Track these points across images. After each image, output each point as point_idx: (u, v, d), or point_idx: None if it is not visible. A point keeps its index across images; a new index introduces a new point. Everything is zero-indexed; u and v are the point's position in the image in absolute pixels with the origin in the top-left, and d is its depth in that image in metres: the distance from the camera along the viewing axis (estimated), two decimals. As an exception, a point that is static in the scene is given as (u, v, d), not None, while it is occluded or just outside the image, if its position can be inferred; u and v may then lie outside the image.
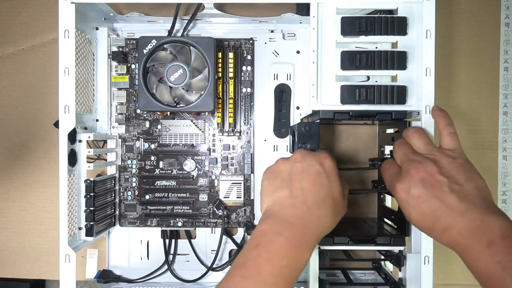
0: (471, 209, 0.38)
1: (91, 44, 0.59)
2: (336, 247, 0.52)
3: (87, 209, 0.54)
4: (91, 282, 0.75)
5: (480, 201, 0.39)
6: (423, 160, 0.41)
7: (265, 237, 0.38)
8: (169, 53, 0.56)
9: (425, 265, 0.48)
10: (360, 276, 0.65)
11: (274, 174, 0.43)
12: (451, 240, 0.39)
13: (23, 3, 0.68)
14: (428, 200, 0.39)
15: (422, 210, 0.40)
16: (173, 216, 0.63)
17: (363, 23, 0.49)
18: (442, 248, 0.66)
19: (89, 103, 0.59)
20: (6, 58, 0.68)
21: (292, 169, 0.42)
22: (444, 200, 0.39)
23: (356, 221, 0.64)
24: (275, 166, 0.44)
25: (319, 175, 0.41)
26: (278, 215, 0.40)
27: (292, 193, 0.41)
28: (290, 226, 0.39)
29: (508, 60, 0.67)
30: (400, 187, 0.42)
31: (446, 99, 0.67)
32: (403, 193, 0.41)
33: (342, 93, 0.49)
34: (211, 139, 0.63)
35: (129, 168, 0.63)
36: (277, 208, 0.41)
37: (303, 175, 0.41)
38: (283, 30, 0.64)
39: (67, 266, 0.49)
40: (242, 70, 0.62)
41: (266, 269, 0.36)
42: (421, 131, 0.46)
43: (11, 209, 0.68)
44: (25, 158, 0.68)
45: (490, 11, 0.67)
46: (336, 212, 0.42)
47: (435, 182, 0.40)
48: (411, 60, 0.50)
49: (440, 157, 0.42)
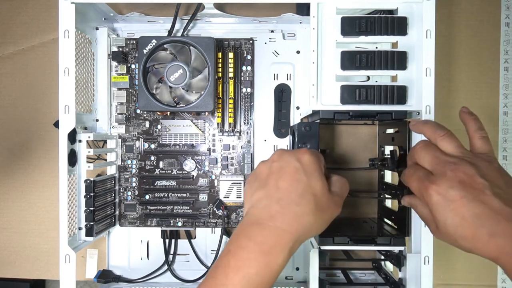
0: None
1: (91, 44, 0.59)
2: (336, 247, 0.52)
3: (87, 209, 0.54)
4: (91, 282, 0.75)
5: None
6: (459, 162, 0.38)
7: (235, 243, 0.37)
8: (169, 53, 0.56)
9: (425, 265, 0.48)
10: (360, 276, 0.65)
11: (254, 178, 0.42)
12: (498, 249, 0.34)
13: (23, 3, 0.68)
14: (469, 203, 0.36)
15: (462, 214, 0.36)
16: (173, 216, 0.63)
17: (363, 23, 0.49)
18: (442, 248, 0.67)
19: (89, 103, 0.59)
20: (6, 58, 0.68)
21: (270, 169, 0.40)
22: (488, 203, 0.35)
23: (356, 221, 0.64)
24: (255, 170, 0.43)
25: (296, 171, 0.39)
26: (250, 219, 0.38)
27: (268, 193, 0.39)
28: (261, 229, 0.37)
29: (508, 60, 0.67)
30: (435, 189, 0.37)
31: (446, 99, 0.67)
32: (438, 196, 0.37)
33: (342, 93, 0.49)
34: (211, 139, 0.63)
35: (129, 168, 0.63)
36: (252, 211, 0.39)
37: (279, 174, 0.39)
38: (283, 30, 0.64)
39: (67, 266, 0.49)
40: (242, 70, 0.62)
41: (233, 278, 0.34)
42: (451, 133, 0.41)
43: (11, 209, 0.68)
44: (25, 158, 0.68)
45: (490, 11, 0.67)
46: (319, 209, 0.39)
47: (476, 184, 0.36)
48: (411, 60, 0.50)
49: (476, 160, 0.38)
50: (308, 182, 0.39)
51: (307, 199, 0.38)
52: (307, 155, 0.40)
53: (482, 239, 0.35)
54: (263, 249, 0.36)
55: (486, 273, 0.66)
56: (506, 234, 0.34)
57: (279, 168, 0.40)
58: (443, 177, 0.38)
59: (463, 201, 0.36)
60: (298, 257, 0.64)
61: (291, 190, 0.38)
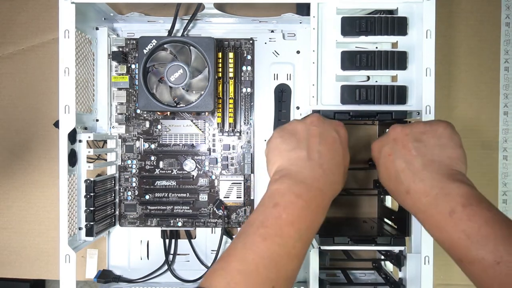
0: (433, 177, 0.37)
1: (91, 44, 0.59)
2: (336, 247, 0.52)
3: (87, 209, 0.54)
4: (91, 282, 0.75)
5: (446, 169, 0.38)
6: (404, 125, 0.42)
7: (283, 197, 0.37)
8: (169, 53, 0.56)
9: (425, 265, 0.48)
10: (360, 276, 0.65)
11: (289, 133, 0.42)
12: (413, 207, 0.39)
13: (23, 3, 0.68)
14: (396, 160, 0.39)
15: (389, 170, 0.40)
16: (173, 216, 0.63)
17: (363, 23, 0.49)
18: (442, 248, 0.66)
19: (89, 103, 0.59)
20: (6, 58, 0.68)
21: (309, 131, 0.41)
22: (409, 162, 0.39)
23: (356, 221, 0.64)
24: (289, 125, 0.43)
25: (335, 141, 0.41)
26: (296, 176, 0.38)
27: (310, 156, 0.39)
28: (308, 189, 0.38)
29: (508, 60, 0.67)
30: (375, 145, 0.43)
31: (446, 99, 0.67)
32: (376, 151, 0.43)
33: (342, 93, 0.50)
34: (211, 139, 0.63)
35: (129, 168, 0.63)
36: (294, 169, 0.39)
37: (320, 139, 0.41)
38: (283, 30, 0.64)
39: (67, 266, 0.49)
40: (242, 70, 0.62)
41: (287, 231, 0.35)
42: None
43: (11, 209, 0.68)
44: (25, 158, 0.68)
45: (490, 11, 0.67)
46: (344, 180, 0.43)
47: (406, 143, 0.40)
48: (411, 60, 0.50)
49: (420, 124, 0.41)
50: (343, 154, 0.42)
51: (340, 169, 0.41)
52: (343, 129, 0.43)
53: (401, 194, 0.39)
54: (311, 207, 0.37)
55: (486, 273, 0.66)
56: (419, 193, 0.37)
57: (319, 134, 0.41)
58: (385, 135, 0.43)
59: (391, 158, 0.40)
60: (298, 257, 0.64)
61: (330, 157, 0.40)
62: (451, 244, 0.36)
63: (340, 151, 0.41)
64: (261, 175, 0.64)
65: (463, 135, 0.42)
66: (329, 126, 0.42)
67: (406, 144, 0.40)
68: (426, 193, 0.37)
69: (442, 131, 0.40)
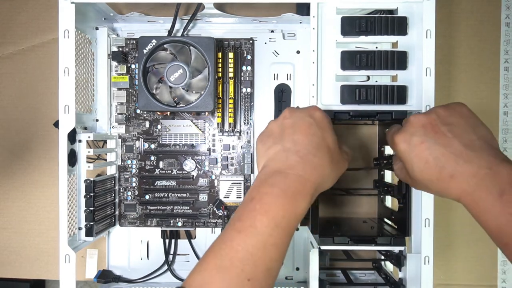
0: (478, 156, 0.36)
1: (91, 44, 0.59)
2: (336, 247, 0.52)
3: (87, 209, 0.54)
4: (91, 282, 0.75)
5: (488, 147, 0.36)
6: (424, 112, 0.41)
7: (258, 190, 0.37)
8: (169, 53, 0.56)
9: (425, 265, 0.48)
10: (360, 276, 0.65)
11: (266, 135, 0.43)
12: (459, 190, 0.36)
13: (23, 3, 0.68)
14: (432, 146, 0.37)
15: (426, 158, 0.38)
16: (173, 216, 0.63)
17: (363, 23, 0.49)
18: (442, 248, 0.67)
19: (89, 103, 0.59)
20: (6, 58, 0.68)
21: (282, 125, 0.42)
22: (448, 146, 0.37)
23: (356, 221, 0.64)
24: (266, 129, 0.44)
25: (310, 125, 0.41)
26: (271, 169, 0.39)
27: (285, 147, 0.40)
28: (284, 176, 0.37)
29: (508, 60, 0.67)
30: (400, 138, 0.40)
31: (446, 99, 0.67)
32: (403, 144, 0.39)
33: (342, 93, 0.50)
34: (211, 139, 0.63)
35: (129, 168, 0.63)
36: (271, 163, 0.40)
37: (294, 128, 0.41)
38: (283, 30, 0.64)
39: (67, 266, 0.49)
40: (242, 70, 0.62)
41: (262, 221, 0.35)
42: None
43: (11, 209, 0.68)
44: (25, 158, 0.68)
45: (490, 11, 0.67)
46: (333, 161, 0.41)
47: (438, 128, 0.38)
48: (411, 60, 0.50)
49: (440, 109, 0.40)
50: (322, 135, 0.41)
51: (323, 151, 0.40)
52: (318, 111, 0.42)
53: (444, 180, 0.37)
54: (288, 194, 0.36)
55: (486, 273, 0.66)
56: (466, 175, 0.35)
57: (292, 124, 0.41)
58: (407, 124, 0.40)
59: (425, 145, 0.38)
60: (298, 257, 0.64)
61: (307, 142, 0.40)
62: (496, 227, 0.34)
63: (318, 133, 0.40)
64: (261, 175, 0.64)
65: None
66: (301, 113, 0.42)
67: (438, 129, 0.38)
68: (473, 174, 0.35)
69: (465, 111, 0.40)
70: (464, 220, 0.67)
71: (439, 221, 0.66)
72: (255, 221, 0.35)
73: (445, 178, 0.37)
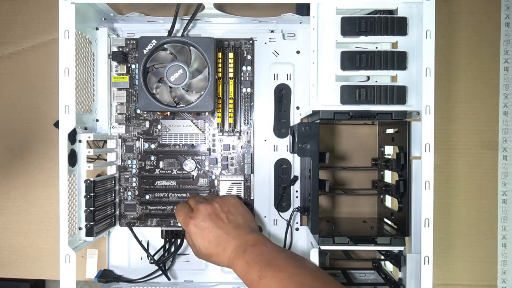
0: (241, 233, 0.51)
1: (91, 44, 0.59)
2: (336, 247, 0.52)
3: (87, 209, 0.54)
4: (91, 282, 0.75)
5: (247, 227, 0.53)
6: (209, 202, 0.55)
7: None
8: (169, 53, 0.56)
9: (425, 265, 0.48)
10: (360, 276, 0.65)
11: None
12: (228, 258, 0.50)
13: (23, 3, 0.68)
14: (213, 230, 0.52)
15: (209, 238, 0.51)
16: (173, 216, 0.63)
17: (363, 23, 0.49)
18: (442, 248, 0.67)
19: (89, 103, 0.59)
20: (6, 58, 0.68)
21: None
22: (224, 228, 0.52)
23: (356, 221, 0.64)
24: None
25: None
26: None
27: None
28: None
29: (508, 60, 0.67)
30: (193, 223, 0.53)
31: (446, 99, 0.67)
32: (194, 227, 0.52)
33: (342, 93, 0.50)
34: (211, 139, 0.63)
35: (129, 168, 0.63)
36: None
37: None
38: (283, 30, 0.64)
39: (67, 266, 0.49)
40: (242, 70, 0.62)
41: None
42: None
43: (11, 209, 0.68)
44: (25, 158, 0.68)
45: (490, 11, 0.67)
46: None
47: (219, 215, 0.53)
48: (411, 60, 0.50)
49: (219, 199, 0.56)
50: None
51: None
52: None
53: (220, 253, 0.51)
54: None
55: (486, 273, 0.67)
56: (232, 247, 0.50)
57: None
58: (197, 211, 0.53)
59: (210, 229, 0.52)
60: (298, 257, 0.64)
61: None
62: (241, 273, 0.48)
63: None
64: (261, 175, 0.64)
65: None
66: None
67: (219, 216, 0.53)
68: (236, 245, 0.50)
69: (236, 202, 0.57)
70: (464, 220, 0.67)
71: (439, 221, 0.66)
72: None
73: (220, 252, 0.51)
